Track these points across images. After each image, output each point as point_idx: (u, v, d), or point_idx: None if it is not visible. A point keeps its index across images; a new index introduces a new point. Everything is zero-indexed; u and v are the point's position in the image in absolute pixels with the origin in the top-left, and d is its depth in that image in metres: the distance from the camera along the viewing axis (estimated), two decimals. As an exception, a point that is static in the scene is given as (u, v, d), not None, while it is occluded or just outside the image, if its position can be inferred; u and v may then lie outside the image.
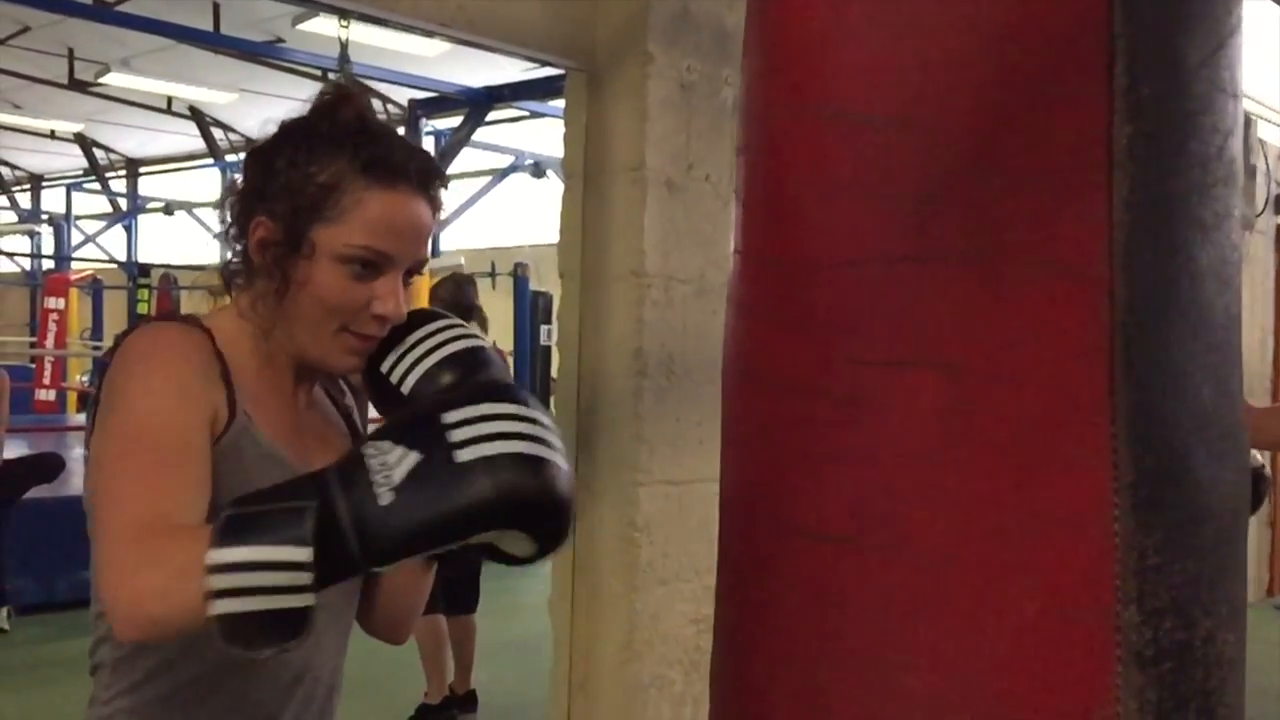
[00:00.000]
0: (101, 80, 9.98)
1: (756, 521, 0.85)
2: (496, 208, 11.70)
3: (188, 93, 10.98)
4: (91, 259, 14.51)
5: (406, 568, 1.06)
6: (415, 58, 8.28)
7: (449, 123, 9.37)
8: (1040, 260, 0.73)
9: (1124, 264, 0.71)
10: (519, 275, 7.16)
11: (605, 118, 2.68)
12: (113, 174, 15.90)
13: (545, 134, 9.59)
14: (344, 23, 5.39)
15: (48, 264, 14.05)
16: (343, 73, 5.58)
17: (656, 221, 2.63)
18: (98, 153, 15.05)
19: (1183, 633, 0.73)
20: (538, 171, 10.25)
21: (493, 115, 8.91)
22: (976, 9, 0.73)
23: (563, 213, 2.78)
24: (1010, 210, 0.73)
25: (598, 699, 2.68)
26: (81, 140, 14.40)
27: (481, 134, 8.69)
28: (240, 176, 1.01)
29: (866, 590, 0.77)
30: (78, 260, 13.72)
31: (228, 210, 1.00)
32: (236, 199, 0.99)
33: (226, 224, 0.99)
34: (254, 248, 0.96)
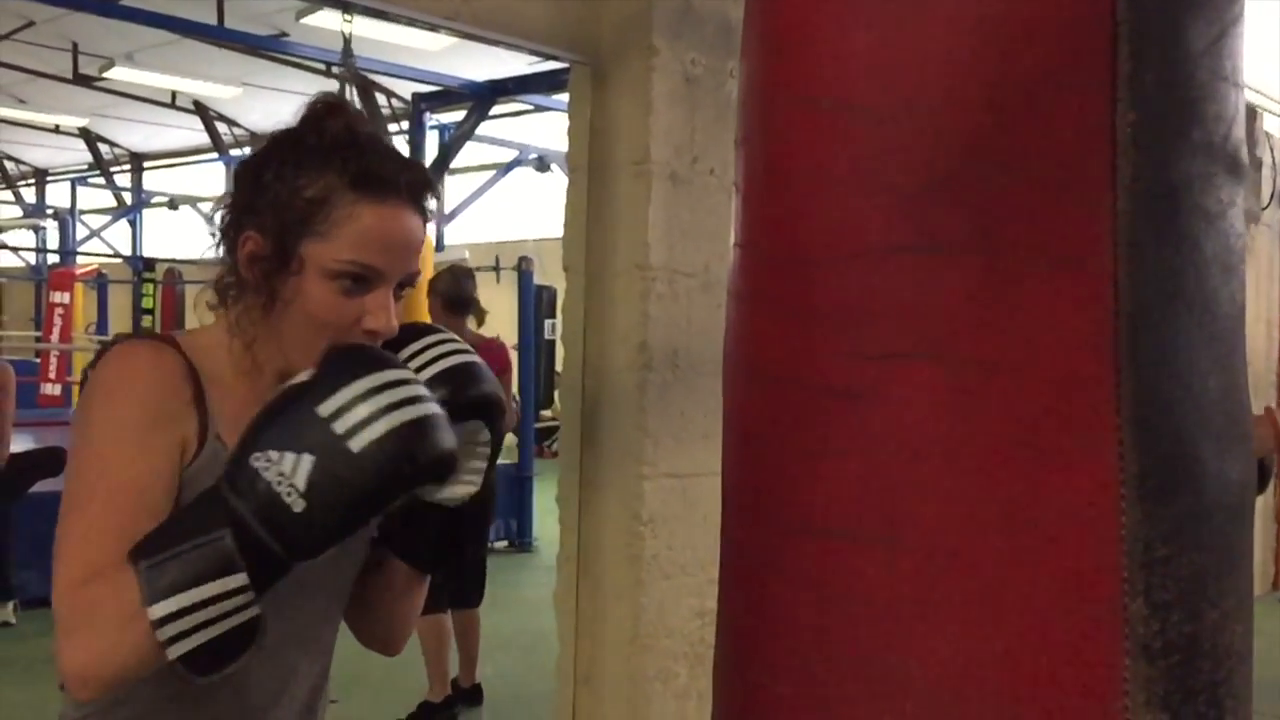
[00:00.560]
0: (106, 75, 9.99)
1: (758, 516, 0.84)
2: (501, 202, 11.70)
3: (192, 87, 10.98)
4: (96, 253, 14.53)
5: (398, 582, 1.07)
6: (419, 51, 8.27)
7: (453, 117, 9.36)
8: (1043, 250, 0.72)
9: (1127, 253, 0.70)
10: (523, 269, 7.15)
11: (609, 111, 2.67)
12: (117, 169, 15.92)
13: (549, 128, 9.58)
14: (347, 17, 5.38)
15: (53, 259, 14.06)
16: (346, 67, 5.57)
17: (661, 215, 2.62)
18: (102, 147, 15.06)
19: (1190, 625, 0.73)
20: (542, 165, 10.24)
21: (497, 109, 8.89)
22: (978, -3, 0.72)
23: (567, 206, 2.78)
24: (1012, 200, 0.72)
25: (602, 692, 2.69)
26: (86, 135, 14.41)
27: (485, 128, 8.68)
28: (230, 188, 0.99)
29: (868, 585, 0.76)
30: (83, 255, 13.74)
31: (217, 222, 0.98)
32: (226, 212, 0.98)
33: (216, 237, 0.98)
34: (243, 262, 0.95)
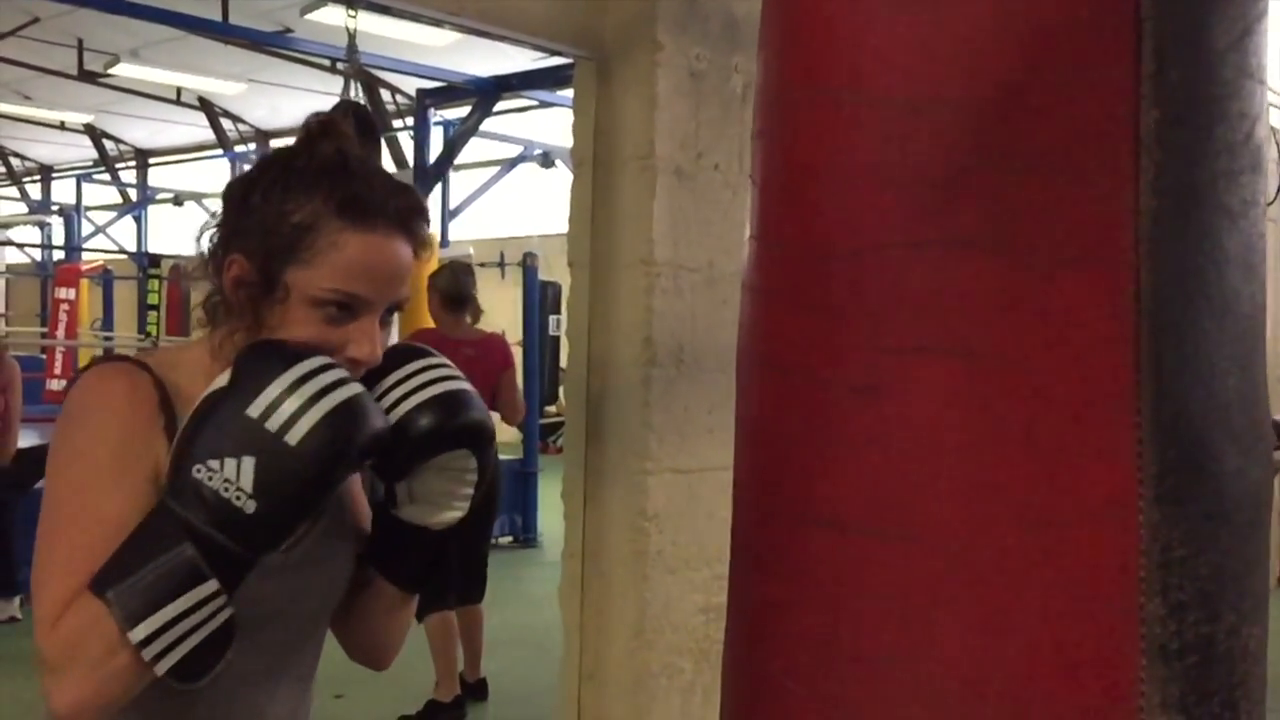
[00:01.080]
0: (111, 71, 10.00)
1: (771, 510, 0.84)
2: (505, 198, 11.70)
3: (197, 83, 10.99)
4: (102, 250, 14.56)
5: (384, 601, 1.07)
6: (423, 47, 8.27)
7: (457, 113, 9.35)
8: (1064, 247, 0.71)
9: (1150, 251, 0.70)
10: (528, 265, 7.14)
11: (614, 106, 2.66)
12: (122, 165, 15.94)
13: (554, 123, 9.57)
14: (352, 12, 5.37)
15: (58, 255, 14.09)
16: (351, 63, 5.57)
17: (665, 210, 2.61)
18: (107, 144, 15.09)
19: (1207, 626, 0.72)
20: (546, 161, 10.24)
21: (501, 105, 8.89)
22: (1000, -9, 0.71)
23: (571, 202, 2.77)
24: (1034, 196, 0.72)
25: (607, 687, 2.68)
26: (91, 131, 14.43)
27: (490, 124, 8.67)
28: (219, 209, 0.98)
29: (884, 580, 0.76)
30: (88, 251, 13.77)
31: (205, 242, 0.97)
32: (214, 231, 0.96)
33: (204, 258, 0.97)
34: (229, 285, 0.94)
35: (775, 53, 0.82)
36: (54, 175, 17.47)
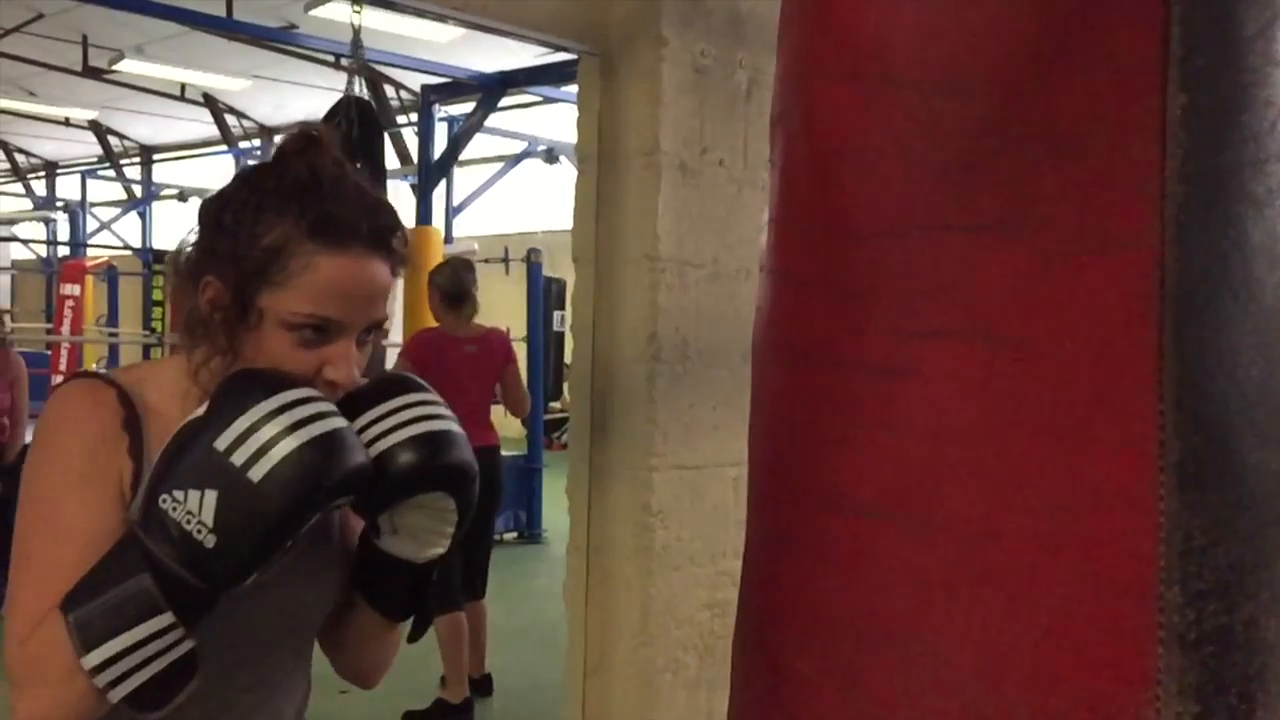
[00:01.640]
0: (115, 67, 9.99)
1: (788, 494, 0.83)
2: (509, 194, 11.70)
3: (201, 79, 10.98)
4: (107, 246, 14.57)
5: (371, 626, 1.06)
6: (428, 43, 8.26)
7: (462, 108, 9.35)
8: (1089, 232, 0.71)
9: (1175, 238, 0.69)
10: (532, 261, 7.14)
11: (619, 102, 2.66)
12: (127, 161, 15.95)
13: (558, 119, 9.57)
14: (356, 8, 5.37)
15: (63, 251, 14.12)
16: (355, 59, 5.56)
17: (670, 206, 2.61)
18: (112, 140, 15.10)
19: (1225, 616, 0.72)
20: (551, 157, 10.23)
21: (506, 101, 8.88)
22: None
23: (576, 198, 2.76)
24: (1059, 180, 0.71)
25: (612, 683, 2.68)
26: (96, 127, 14.45)
27: (494, 120, 8.66)
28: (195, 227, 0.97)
29: (902, 566, 0.75)
30: (93, 247, 13.79)
31: (180, 262, 0.96)
32: (191, 251, 0.95)
33: (179, 275, 0.96)
34: (204, 307, 0.93)
35: (797, 36, 0.82)
36: (59, 171, 17.49)
